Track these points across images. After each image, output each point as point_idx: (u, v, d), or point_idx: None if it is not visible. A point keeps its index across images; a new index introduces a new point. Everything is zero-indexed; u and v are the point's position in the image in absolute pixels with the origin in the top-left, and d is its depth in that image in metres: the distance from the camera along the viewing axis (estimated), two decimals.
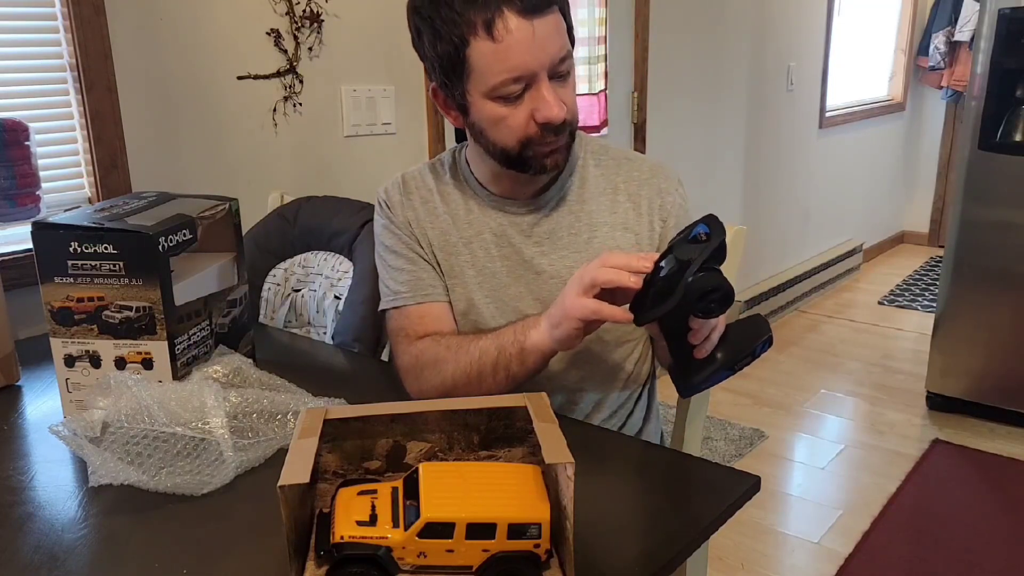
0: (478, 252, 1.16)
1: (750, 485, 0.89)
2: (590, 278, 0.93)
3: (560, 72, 1.03)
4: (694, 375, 0.94)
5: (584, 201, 1.16)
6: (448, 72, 1.04)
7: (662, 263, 0.90)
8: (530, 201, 1.15)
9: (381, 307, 1.20)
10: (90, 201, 1.64)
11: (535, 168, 1.08)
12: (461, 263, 1.17)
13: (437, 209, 1.18)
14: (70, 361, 1.07)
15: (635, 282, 0.91)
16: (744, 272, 3.69)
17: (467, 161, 1.19)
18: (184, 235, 1.09)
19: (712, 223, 0.90)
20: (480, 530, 0.69)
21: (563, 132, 1.06)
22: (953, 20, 4.51)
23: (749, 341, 0.93)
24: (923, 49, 4.73)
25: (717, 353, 0.93)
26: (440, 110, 1.13)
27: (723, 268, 0.90)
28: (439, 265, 1.18)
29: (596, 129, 2.76)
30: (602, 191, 1.16)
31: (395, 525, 0.70)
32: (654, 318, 0.90)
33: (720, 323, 0.92)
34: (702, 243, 0.88)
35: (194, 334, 1.12)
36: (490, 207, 1.17)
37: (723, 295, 0.86)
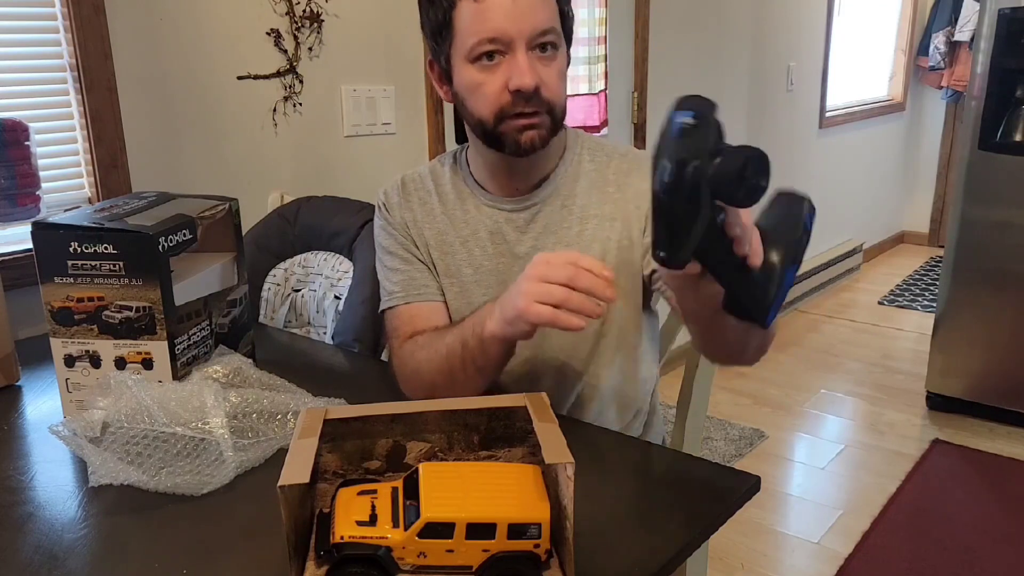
0: (474, 250, 1.17)
1: (750, 485, 0.89)
2: (542, 291, 0.88)
3: (541, 44, 1.04)
4: (764, 293, 0.79)
5: (576, 195, 1.16)
6: (436, 37, 1.07)
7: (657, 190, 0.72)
8: (524, 198, 1.16)
9: (380, 308, 1.21)
10: (90, 201, 1.64)
11: (511, 146, 1.07)
12: (458, 262, 1.17)
13: (435, 210, 1.19)
14: (70, 361, 1.07)
15: (574, 323, 0.86)
16: None
17: (467, 160, 1.20)
18: (184, 235, 1.09)
19: (693, 103, 0.72)
20: (480, 530, 0.69)
21: (538, 105, 1.05)
22: (953, 20, 4.51)
23: (794, 218, 0.80)
24: (923, 49, 4.73)
25: (772, 255, 0.79)
26: (435, 85, 1.15)
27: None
28: (435, 266, 1.18)
29: (596, 129, 2.76)
30: (594, 184, 1.16)
31: (395, 525, 0.70)
32: (697, 243, 0.73)
33: (750, 222, 0.78)
34: (697, 128, 0.70)
35: (194, 334, 1.12)
36: (486, 205, 1.17)
37: (758, 163, 0.69)
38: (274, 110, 1.88)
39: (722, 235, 0.75)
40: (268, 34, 1.84)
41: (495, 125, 1.06)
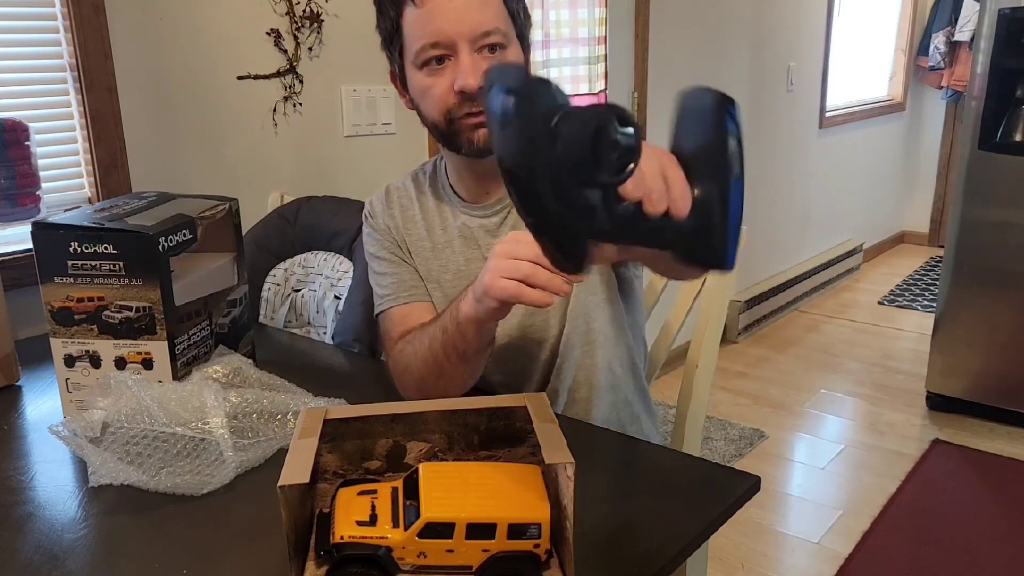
0: (451, 256, 1.18)
1: (750, 485, 0.89)
2: (508, 267, 0.87)
3: (486, 45, 1.04)
4: (709, 238, 0.63)
5: None
6: (390, 46, 1.10)
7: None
8: (496, 202, 1.16)
9: (375, 313, 1.22)
10: (90, 201, 1.64)
11: (464, 145, 1.08)
12: (437, 267, 1.19)
13: (415, 217, 1.21)
14: (70, 361, 1.07)
15: (537, 298, 0.85)
16: (744, 272, 3.68)
17: (445, 168, 1.21)
18: (184, 235, 1.09)
19: (502, 74, 0.59)
20: (480, 530, 0.69)
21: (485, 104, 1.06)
22: (953, 20, 4.51)
23: (712, 124, 0.62)
24: (923, 49, 4.73)
25: (698, 188, 0.61)
26: (399, 95, 1.16)
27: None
28: (417, 271, 1.20)
29: None
30: None
31: (395, 525, 0.70)
32: (585, 242, 0.58)
33: (652, 168, 0.62)
34: (520, 106, 0.56)
35: (194, 334, 1.12)
36: (460, 211, 1.18)
37: (614, 118, 0.55)
38: (274, 110, 1.88)
39: (622, 203, 0.59)
40: (268, 34, 1.84)
41: (447, 127, 1.07)
